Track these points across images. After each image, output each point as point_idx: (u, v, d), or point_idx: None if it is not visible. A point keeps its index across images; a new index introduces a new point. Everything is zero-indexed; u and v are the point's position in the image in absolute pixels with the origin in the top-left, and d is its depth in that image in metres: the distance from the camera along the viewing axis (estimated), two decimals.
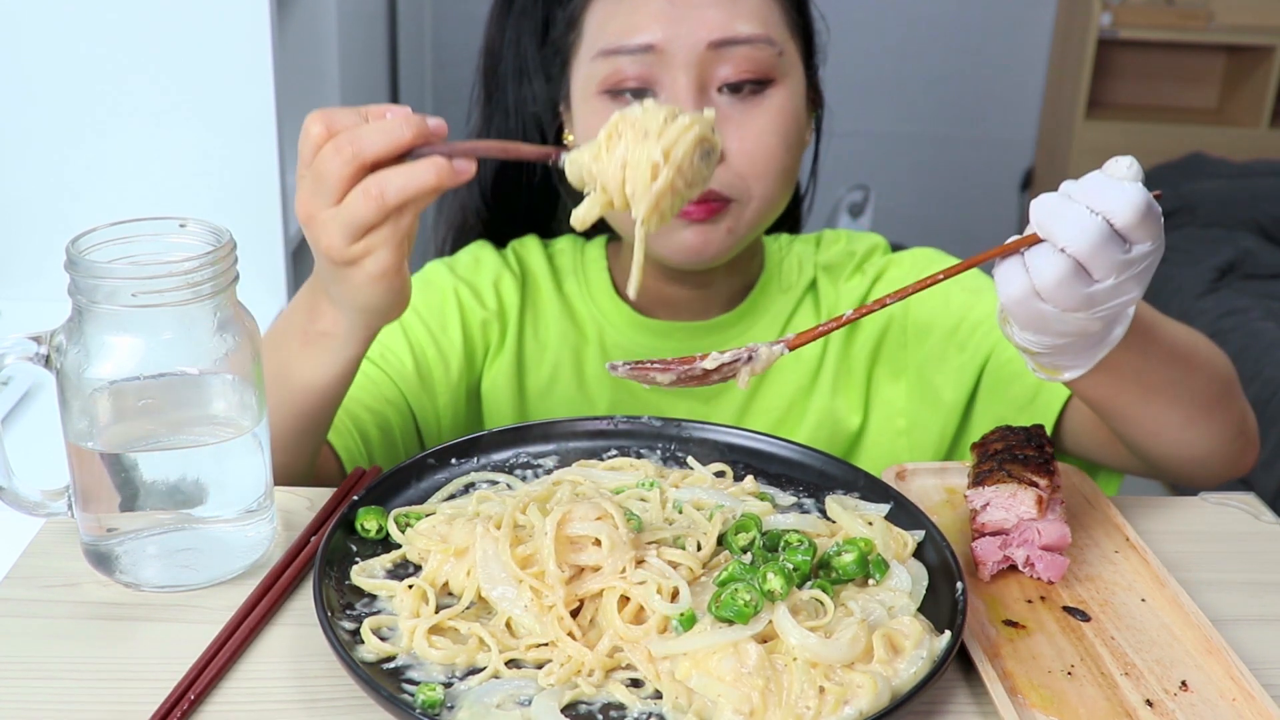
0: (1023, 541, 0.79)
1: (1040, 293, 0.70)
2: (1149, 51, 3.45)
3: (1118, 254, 0.68)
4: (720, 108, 0.99)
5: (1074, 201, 0.68)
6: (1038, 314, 0.71)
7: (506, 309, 1.12)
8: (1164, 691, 0.69)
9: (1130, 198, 0.67)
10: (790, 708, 0.63)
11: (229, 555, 0.78)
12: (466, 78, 1.18)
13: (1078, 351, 0.75)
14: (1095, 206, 0.68)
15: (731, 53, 0.98)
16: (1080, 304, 0.70)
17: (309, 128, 0.75)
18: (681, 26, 0.97)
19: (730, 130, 0.99)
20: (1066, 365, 0.77)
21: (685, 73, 0.97)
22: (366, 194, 0.73)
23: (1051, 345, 0.74)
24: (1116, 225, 0.68)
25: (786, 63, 1.01)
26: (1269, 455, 2.25)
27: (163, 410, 0.75)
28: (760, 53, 0.99)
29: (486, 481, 0.86)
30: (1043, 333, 0.73)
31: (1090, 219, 0.67)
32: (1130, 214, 0.67)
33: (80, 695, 0.67)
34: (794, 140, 1.03)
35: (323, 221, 0.75)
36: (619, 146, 0.74)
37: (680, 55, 0.97)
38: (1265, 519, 0.91)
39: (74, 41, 1.48)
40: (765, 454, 0.90)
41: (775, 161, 1.01)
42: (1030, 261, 0.70)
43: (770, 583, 0.68)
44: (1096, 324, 0.71)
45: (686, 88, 0.97)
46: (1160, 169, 3.23)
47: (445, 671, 0.67)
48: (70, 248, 0.71)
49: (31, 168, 1.54)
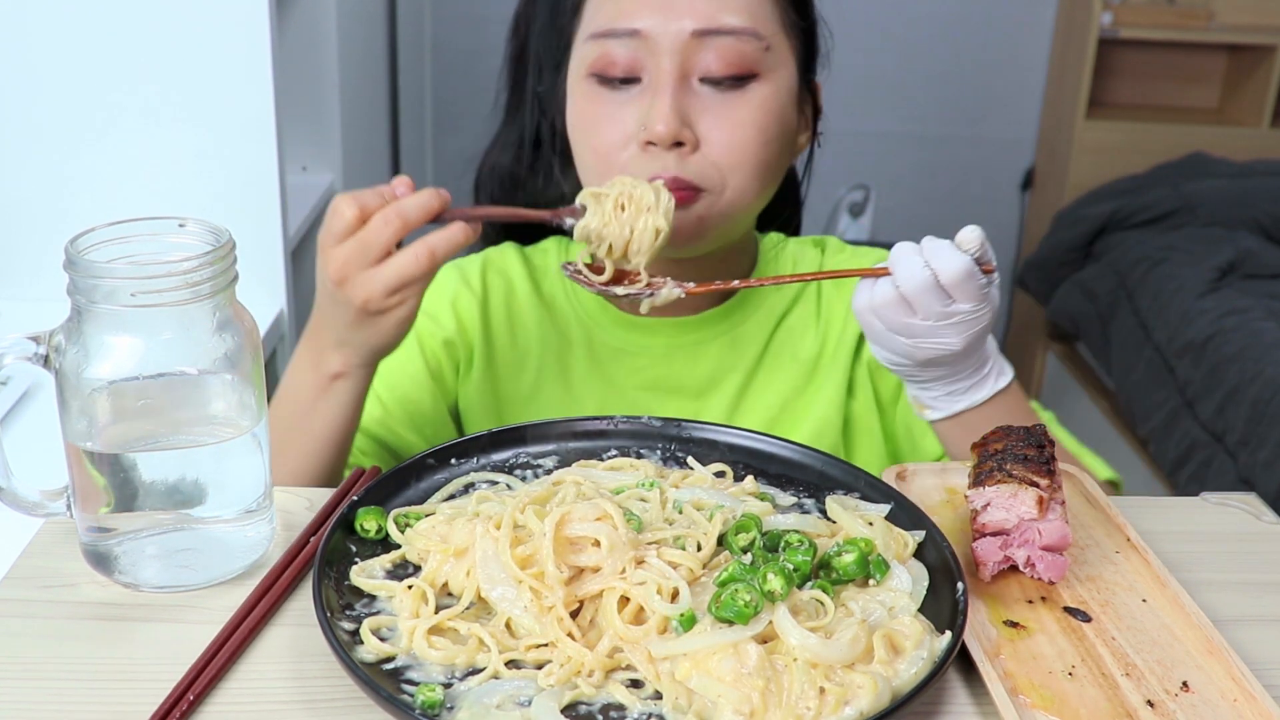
0: (1023, 542, 0.79)
1: (874, 309, 0.88)
2: (1150, 51, 3.45)
3: (936, 304, 0.86)
4: (701, 98, 1.00)
5: (918, 254, 0.86)
6: (870, 325, 0.90)
7: (467, 326, 1.13)
8: (1165, 692, 0.69)
9: (956, 263, 0.85)
10: (790, 708, 0.63)
11: (228, 555, 0.78)
12: (466, 78, 1.19)
13: (936, 399, 0.94)
14: (930, 262, 0.85)
15: (715, 43, 0.98)
16: (901, 330, 0.88)
17: (343, 210, 0.88)
18: (668, 14, 0.98)
19: (709, 121, 0.99)
20: (928, 406, 0.96)
21: (669, 59, 0.98)
22: (417, 255, 0.88)
23: (890, 362, 0.92)
24: (941, 280, 0.85)
25: (773, 58, 1.01)
26: (1269, 455, 2.24)
27: (162, 410, 0.75)
28: (745, 45, 0.99)
29: (486, 481, 0.86)
30: (877, 344, 0.91)
31: (922, 269, 0.85)
32: (951, 275, 0.85)
33: (79, 696, 0.67)
34: (774, 136, 1.02)
35: (362, 280, 0.88)
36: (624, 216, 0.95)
37: (664, 42, 0.98)
38: (1266, 519, 0.91)
39: (74, 42, 1.48)
40: (765, 454, 0.90)
41: (751, 154, 1.00)
42: (876, 285, 0.88)
43: (770, 583, 0.68)
44: (919, 353, 0.89)
45: (670, 73, 0.98)
46: (1161, 169, 3.23)
47: (445, 672, 0.67)
48: (69, 247, 0.71)
49: (31, 168, 1.54)
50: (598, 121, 1.02)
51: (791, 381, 1.12)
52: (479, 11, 3.18)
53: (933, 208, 3.52)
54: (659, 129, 0.97)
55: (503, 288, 1.15)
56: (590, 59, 1.01)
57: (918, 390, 0.96)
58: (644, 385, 1.12)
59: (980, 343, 0.91)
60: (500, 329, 1.14)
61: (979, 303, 0.87)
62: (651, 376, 1.12)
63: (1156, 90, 3.54)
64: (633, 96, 1.00)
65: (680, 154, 0.99)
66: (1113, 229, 3.12)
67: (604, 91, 1.02)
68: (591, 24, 1.02)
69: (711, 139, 0.99)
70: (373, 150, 2.64)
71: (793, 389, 1.12)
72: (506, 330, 1.14)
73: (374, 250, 0.88)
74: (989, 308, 0.88)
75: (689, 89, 0.99)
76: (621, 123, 1.00)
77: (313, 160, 2.23)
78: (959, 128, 3.48)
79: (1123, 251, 3.01)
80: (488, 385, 1.14)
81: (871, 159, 3.42)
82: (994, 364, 0.95)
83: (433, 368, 1.13)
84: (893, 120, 3.44)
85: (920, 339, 0.88)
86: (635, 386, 1.12)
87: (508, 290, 1.15)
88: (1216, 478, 2.37)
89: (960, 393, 0.94)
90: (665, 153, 0.98)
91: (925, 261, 0.85)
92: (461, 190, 1.18)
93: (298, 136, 2.18)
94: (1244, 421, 2.34)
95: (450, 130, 3.25)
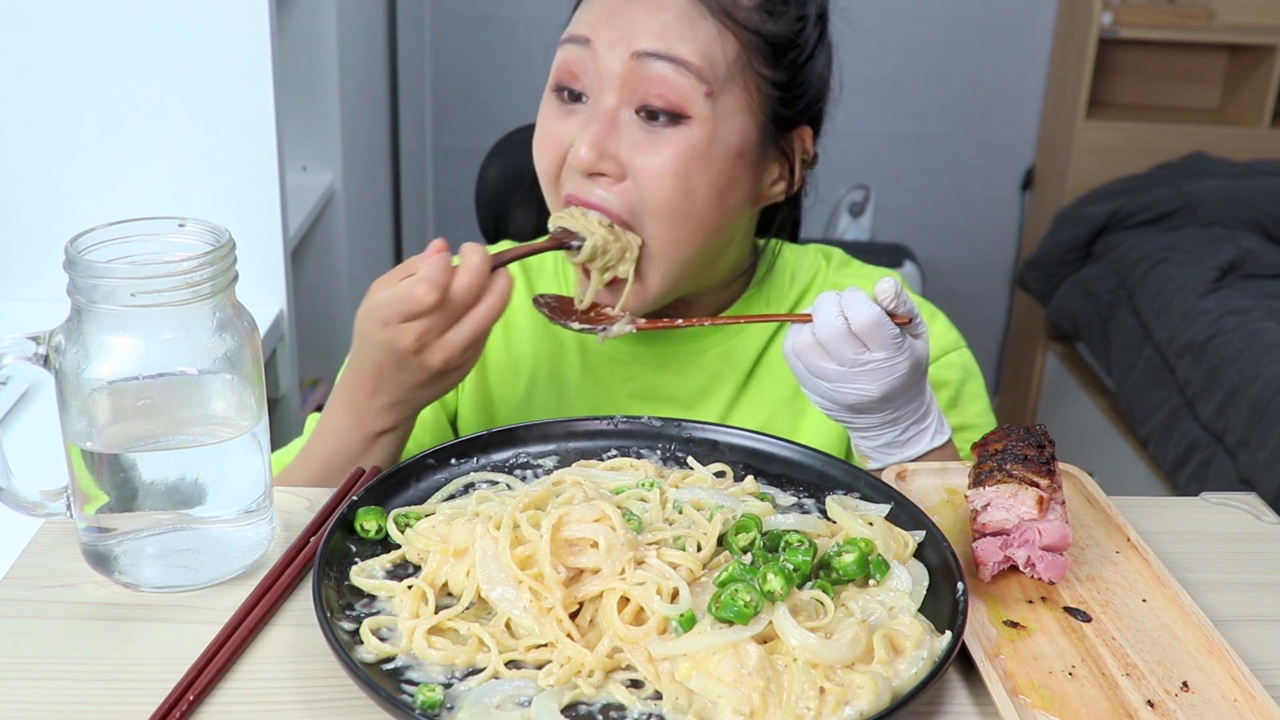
0: (1023, 542, 0.79)
1: (796, 352, 0.91)
2: (1150, 51, 3.44)
3: (849, 350, 0.88)
4: (629, 129, 0.98)
5: (836, 303, 0.88)
6: (795, 369, 0.92)
7: None
8: (1165, 692, 0.69)
9: (866, 312, 0.87)
10: (790, 708, 0.63)
11: (228, 555, 0.78)
12: (466, 78, 1.19)
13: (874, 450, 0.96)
14: (845, 310, 0.88)
15: (656, 72, 0.96)
16: (820, 374, 0.90)
17: (420, 295, 0.90)
18: (616, 28, 0.97)
19: (632, 154, 0.98)
20: (868, 457, 0.97)
21: (608, 81, 0.97)
22: (491, 308, 0.93)
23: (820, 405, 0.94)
24: (852, 327, 0.87)
25: (714, 107, 0.97)
26: (1269, 455, 2.24)
27: (162, 410, 0.75)
28: (684, 80, 0.96)
29: (486, 481, 0.86)
30: (804, 387, 0.93)
31: (836, 317, 0.88)
32: (861, 323, 0.87)
33: (79, 696, 0.67)
34: (698, 185, 0.98)
35: (442, 344, 0.92)
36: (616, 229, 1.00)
37: (609, 59, 0.97)
38: (1266, 519, 0.91)
39: (74, 42, 1.48)
40: (765, 454, 0.90)
41: (667, 197, 0.97)
42: (800, 330, 0.91)
43: (770, 583, 0.68)
44: (840, 397, 0.91)
45: (604, 98, 0.97)
46: (1161, 169, 3.23)
47: (445, 672, 0.67)
48: (69, 247, 0.71)
49: (31, 168, 1.54)
50: (544, 137, 1.02)
51: (784, 396, 1.11)
52: (479, 11, 3.18)
53: (933, 208, 3.52)
54: (580, 154, 0.97)
55: None
56: (555, 67, 1.01)
57: (858, 439, 0.97)
58: (636, 394, 1.12)
59: (903, 394, 0.91)
60: (495, 335, 1.14)
61: (892, 352, 0.88)
62: (644, 385, 1.12)
63: (1156, 90, 3.53)
64: (576, 115, 1.00)
65: (606, 184, 0.99)
66: (1113, 229, 3.12)
67: (557, 105, 1.02)
68: (567, 28, 1.02)
69: (633, 174, 0.98)
70: (373, 150, 2.64)
71: (785, 404, 1.11)
72: (502, 337, 1.14)
73: (457, 318, 0.92)
74: (905, 358, 0.89)
75: (620, 120, 0.98)
76: (559, 139, 1.01)
77: (313, 160, 2.24)
78: (959, 128, 3.48)
79: (1123, 251, 3.01)
80: (481, 391, 1.14)
81: (871, 159, 3.41)
82: (934, 421, 0.96)
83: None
84: (893, 120, 3.44)
85: (838, 384, 0.90)
86: (628, 395, 1.12)
87: None
88: (1216, 478, 2.37)
89: (896, 446, 0.95)
90: (593, 180, 0.99)
91: (840, 310, 0.88)
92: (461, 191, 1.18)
93: (298, 136, 2.19)
94: (1244, 421, 2.34)
95: (450, 130, 3.25)
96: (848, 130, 1.15)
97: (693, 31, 0.96)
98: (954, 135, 3.49)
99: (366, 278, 2.61)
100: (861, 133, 3.38)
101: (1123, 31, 3.25)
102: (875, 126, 3.42)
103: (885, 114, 3.42)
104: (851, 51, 1.09)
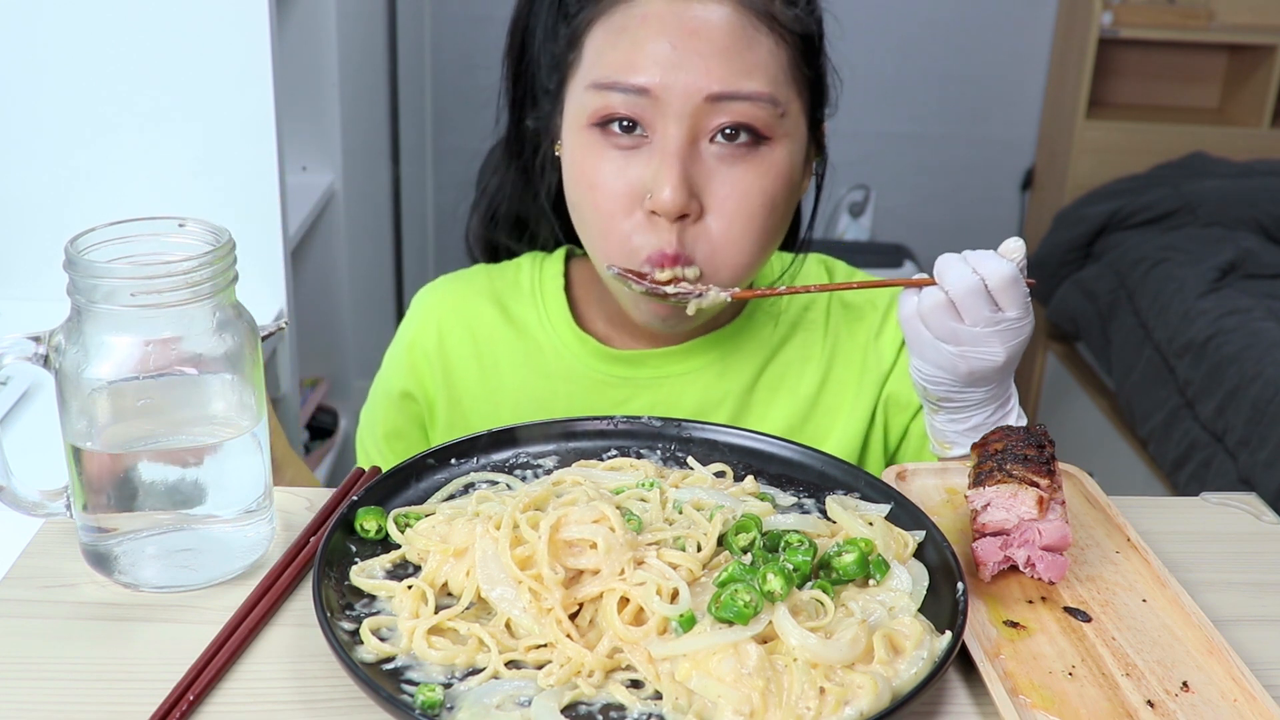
0: (1023, 542, 0.79)
1: (921, 316, 0.88)
2: (1150, 51, 3.45)
3: (985, 309, 0.86)
4: (708, 162, 0.94)
5: (965, 262, 0.86)
6: (916, 334, 0.89)
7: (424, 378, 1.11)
8: (1165, 692, 0.69)
9: (1003, 270, 0.85)
10: (790, 708, 0.63)
11: (228, 556, 0.78)
12: (466, 78, 1.18)
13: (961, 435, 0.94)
14: (978, 269, 0.86)
15: (729, 107, 0.92)
16: (948, 336, 0.87)
17: None
18: (681, 75, 0.92)
19: (715, 187, 0.94)
20: (952, 443, 0.95)
21: (678, 123, 0.92)
22: None
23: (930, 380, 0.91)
24: (989, 286, 0.85)
25: (788, 123, 0.96)
26: (1269, 455, 2.24)
27: (162, 410, 0.75)
28: (761, 110, 0.93)
29: (486, 482, 0.86)
30: (921, 356, 0.90)
31: (970, 275, 0.85)
32: (999, 280, 0.85)
33: (79, 696, 0.67)
34: (781, 201, 0.97)
35: None
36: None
37: (675, 104, 0.92)
38: (1267, 519, 0.91)
39: (74, 42, 1.48)
40: (765, 454, 0.90)
41: (754, 225, 0.95)
42: (922, 294, 0.88)
43: (770, 583, 0.68)
44: (963, 364, 0.88)
45: (677, 138, 0.92)
46: (1161, 169, 3.23)
47: (445, 672, 0.67)
48: (69, 247, 0.71)
49: (31, 168, 1.54)
50: (599, 179, 0.95)
51: (786, 417, 1.08)
52: (479, 11, 3.18)
53: (933, 208, 3.52)
54: (665, 200, 0.92)
55: (462, 323, 1.11)
56: (591, 109, 0.95)
57: (945, 423, 0.94)
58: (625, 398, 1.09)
59: (1017, 358, 0.90)
60: (463, 366, 1.10)
61: (1023, 311, 0.87)
62: (636, 408, 1.08)
63: (1156, 90, 3.54)
64: (637, 153, 0.94)
65: (683, 224, 0.94)
66: (1113, 229, 3.12)
67: (605, 144, 0.95)
68: (594, 69, 0.95)
69: (714, 207, 0.94)
70: (373, 150, 2.65)
71: (787, 425, 1.08)
72: (474, 365, 1.10)
73: None
74: (1030, 320, 0.88)
75: (696, 153, 0.94)
76: (625, 183, 0.94)
77: (313, 160, 2.24)
78: (959, 128, 3.48)
79: (1123, 251, 3.01)
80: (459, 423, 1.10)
81: (871, 159, 3.42)
82: (1015, 407, 0.95)
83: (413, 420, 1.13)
84: (893, 120, 3.44)
85: (966, 347, 0.87)
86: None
87: (469, 323, 1.11)
88: (1216, 478, 2.37)
89: (982, 430, 0.92)
90: (669, 224, 0.93)
91: (973, 268, 0.86)
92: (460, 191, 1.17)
93: (298, 136, 2.19)
94: (1244, 421, 2.34)
95: (450, 130, 3.25)
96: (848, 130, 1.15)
97: (754, 56, 0.93)
98: (954, 135, 3.49)
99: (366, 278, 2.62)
100: (861, 132, 3.38)
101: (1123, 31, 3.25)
102: (875, 126, 3.42)
103: (885, 114, 3.42)
104: (851, 51, 1.09)
